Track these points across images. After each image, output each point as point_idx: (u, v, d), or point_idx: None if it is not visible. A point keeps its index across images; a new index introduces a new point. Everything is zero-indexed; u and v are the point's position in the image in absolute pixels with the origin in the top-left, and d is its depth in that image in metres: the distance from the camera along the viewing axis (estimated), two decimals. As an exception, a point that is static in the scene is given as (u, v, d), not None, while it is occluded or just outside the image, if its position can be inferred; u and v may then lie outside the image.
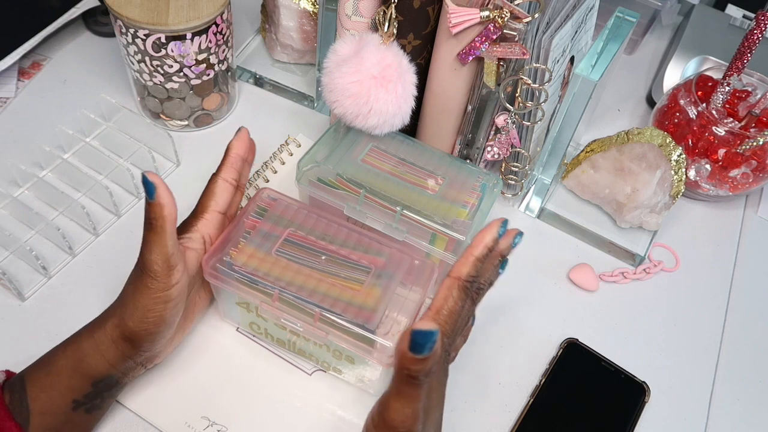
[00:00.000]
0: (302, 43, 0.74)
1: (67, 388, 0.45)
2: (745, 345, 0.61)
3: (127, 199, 0.63)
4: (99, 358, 0.45)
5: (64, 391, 0.45)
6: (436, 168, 0.57)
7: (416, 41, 0.56)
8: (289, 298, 0.48)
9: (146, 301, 0.44)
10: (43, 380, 0.45)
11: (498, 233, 0.43)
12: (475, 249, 0.43)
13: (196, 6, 0.60)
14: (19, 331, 0.54)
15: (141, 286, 0.44)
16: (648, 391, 0.56)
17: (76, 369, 0.45)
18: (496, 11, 0.50)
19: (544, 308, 0.61)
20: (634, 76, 0.85)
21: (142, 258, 0.44)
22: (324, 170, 0.55)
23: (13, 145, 0.66)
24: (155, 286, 0.44)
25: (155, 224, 0.43)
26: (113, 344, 0.45)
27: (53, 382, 0.44)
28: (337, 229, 0.52)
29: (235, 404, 0.52)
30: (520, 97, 0.57)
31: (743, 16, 0.87)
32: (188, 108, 0.67)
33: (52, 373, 0.45)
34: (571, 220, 0.67)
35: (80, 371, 0.45)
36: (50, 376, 0.45)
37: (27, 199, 0.62)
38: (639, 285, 0.64)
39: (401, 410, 0.38)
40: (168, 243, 0.43)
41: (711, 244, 0.69)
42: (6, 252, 0.58)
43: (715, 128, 0.66)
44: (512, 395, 0.55)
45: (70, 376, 0.45)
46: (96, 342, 0.45)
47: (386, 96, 0.53)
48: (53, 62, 0.75)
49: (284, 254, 0.50)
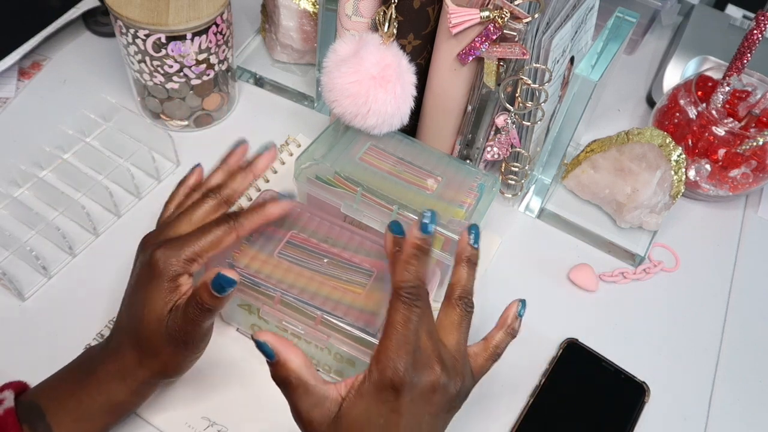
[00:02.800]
0: (302, 43, 0.74)
1: (100, 427, 0.46)
2: (745, 345, 0.61)
3: (127, 199, 0.63)
4: (135, 399, 0.46)
5: (98, 429, 0.46)
6: (434, 168, 0.57)
7: (416, 41, 0.56)
8: (290, 300, 0.48)
9: (190, 362, 0.47)
10: (72, 426, 0.44)
11: (421, 229, 0.41)
12: (402, 253, 0.41)
13: (196, 6, 0.60)
14: (19, 331, 0.54)
15: (186, 357, 0.46)
16: (648, 391, 0.56)
17: (110, 412, 0.46)
18: (496, 11, 0.50)
19: (544, 308, 0.61)
20: (634, 76, 0.85)
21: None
22: (322, 168, 0.55)
23: (13, 145, 0.66)
24: (200, 355, 0.47)
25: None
26: (148, 386, 0.46)
27: (86, 428, 0.45)
28: (339, 231, 0.52)
29: (235, 404, 0.52)
30: (520, 97, 0.57)
31: (743, 16, 0.87)
32: (188, 108, 0.67)
33: (83, 419, 0.44)
34: (571, 220, 0.67)
35: (115, 413, 0.46)
36: (81, 423, 0.44)
37: (27, 199, 0.62)
38: (639, 285, 0.64)
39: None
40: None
41: (711, 244, 0.69)
42: (6, 252, 0.58)
43: (715, 128, 0.66)
44: (512, 395, 0.55)
45: (103, 418, 0.45)
46: (129, 386, 0.45)
47: (385, 96, 0.53)
48: (53, 62, 0.75)
49: (286, 257, 0.50)
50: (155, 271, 0.43)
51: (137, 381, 0.45)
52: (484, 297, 0.61)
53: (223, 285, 0.41)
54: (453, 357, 0.42)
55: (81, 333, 0.54)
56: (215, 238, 0.45)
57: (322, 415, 0.39)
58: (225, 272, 0.41)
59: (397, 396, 0.38)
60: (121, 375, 0.45)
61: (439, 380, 0.40)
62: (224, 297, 0.41)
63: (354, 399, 0.39)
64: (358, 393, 0.39)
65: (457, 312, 0.43)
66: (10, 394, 0.44)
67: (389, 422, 0.39)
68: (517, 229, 0.67)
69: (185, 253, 0.44)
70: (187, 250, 0.44)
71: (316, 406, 0.39)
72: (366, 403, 0.39)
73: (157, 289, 0.43)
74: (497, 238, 0.65)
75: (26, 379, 0.48)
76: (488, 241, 0.65)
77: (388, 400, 0.38)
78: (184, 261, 0.43)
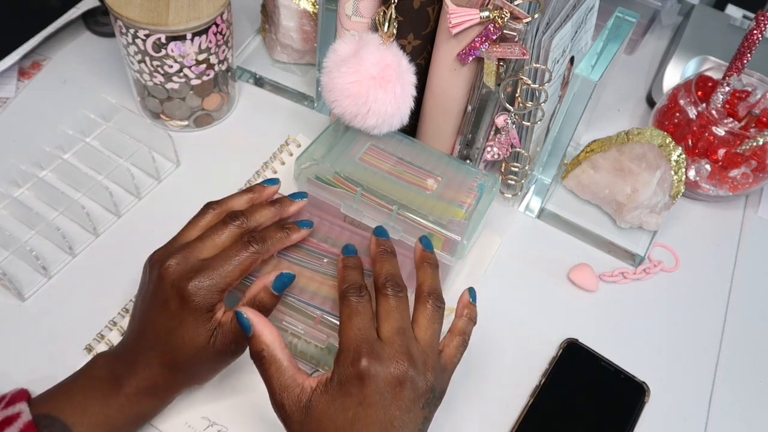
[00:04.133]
0: (302, 44, 0.74)
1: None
2: (745, 345, 0.61)
3: (127, 199, 0.63)
4: (162, 408, 0.48)
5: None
6: (434, 168, 0.57)
7: (416, 41, 0.56)
8: (290, 300, 0.48)
9: (225, 366, 0.49)
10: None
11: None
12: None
13: (196, 6, 0.60)
14: (19, 331, 0.54)
15: (228, 363, 0.48)
16: (648, 391, 0.56)
17: (137, 422, 0.47)
18: (496, 11, 0.50)
19: (544, 308, 0.61)
20: (634, 76, 0.85)
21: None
22: (322, 168, 0.55)
23: (13, 145, 0.66)
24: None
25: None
26: (177, 395, 0.48)
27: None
28: (339, 231, 0.52)
29: (235, 404, 0.52)
30: (520, 97, 0.57)
31: (743, 16, 0.87)
32: (188, 108, 0.67)
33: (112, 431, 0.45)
34: (571, 220, 0.67)
35: (142, 422, 0.47)
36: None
37: (27, 199, 0.62)
38: (639, 285, 0.64)
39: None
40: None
41: (711, 244, 0.69)
42: (6, 252, 0.58)
43: (715, 128, 0.66)
44: (512, 395, 0.55)
45: (130, 428, 0.46)
46: (160, 399, 0.47)
47: (385, 96, 0.53)
48: (53, 62, 0.75)
49: (286, 257, 0.50)
50: (191, 305, 0.43)
51: (169, 394, 0.47)
52: (484, 297, 0.61)
53: (285, 282, 0.46)
54: (424, 352, 0.43)
55: (81, 333, 0.54)
56: (243, 267, 0.45)
57: (292, 401, 0.41)
58: (284, 271, 0.46)
59: (362, 387, 0.40)
60: (153, 391, 0.46)
61: (407, 373, 0.41)
62: (282, 294, 0.46)
63: (323, 390, 0.41)
64: (327, 385, 0.41)
65: (428, 308, 0.45)
66: (25, 407, 0.43)
67: (357, 415, 0.39)
68: (517, 229, 0.67)
69: (219, 285, 0.44)
70: (220, 282, 0.44)
71: (288, 389, 0.41)
72: (333, 395, 0.40)
73: (196, 322, 0.44)
74: (497, 238, 0.65)
75: (26, 379, 0.48)
76: (488, 241, 0.65)
77: (353, 393, 0.40)
78: (218, 292, 0.44)
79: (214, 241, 0.46)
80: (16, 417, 0.42)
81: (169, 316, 0.44)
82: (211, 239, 0.46)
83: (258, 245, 0.46)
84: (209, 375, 0.49)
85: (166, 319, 0.44)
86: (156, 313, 0.45)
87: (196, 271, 0.44)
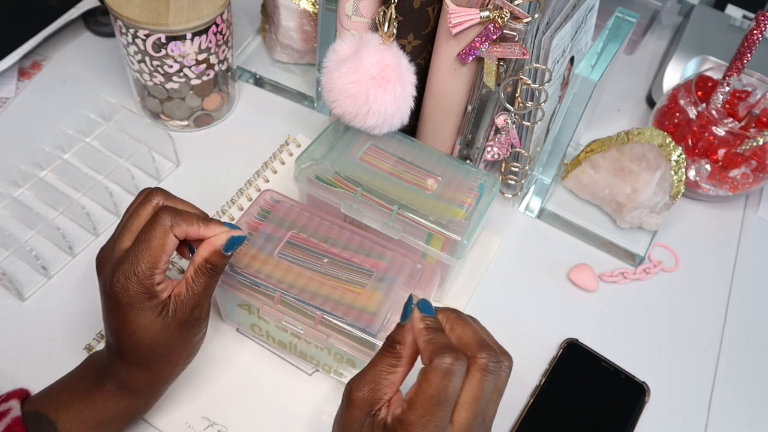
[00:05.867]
0: (302, 44, 0.74)
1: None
2: (745, 345, 0.61)
3: (127, 199, 0.63)
4: (151, 401, 0.48)
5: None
6: (434, 168, 0.57)
7: (416, 41, 0.56)
8: (290, 300, 0.48)
9: (199, 342, 0.48)
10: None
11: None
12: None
13: (196, 6, 0.60)
14: (19, 331, 0.54)
15: (196, 336, 0.46)
16: (648, 391, 0.56)
17: (126, 419, 0.47)
18: (496, 11, 0.50)
19: (544, 308, 0.61)
20: (634, 76, 0.85)
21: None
22: (322, 168, 0.55)
23: (13, 145, 0.66)
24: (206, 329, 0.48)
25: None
26: (166, 386, 0.48)
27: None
28: (339, 231, 0.52)
29: (235, 404, 0.52)
30: (520, 97, 0.57)
31: (743, 16, 0.87)
32: (188, 108, 0.67)
33: (98, 427, 0.45)
34: (571, 221, 0.67)
35: (131, 419, 0.47)
36: (97, 430, 0.45)
37: (27, 199, 0.62)
38: (639, 285, 0.64)
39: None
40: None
41: (711, 244, 0.69)
42: (6, 252, 0.58)
43: (715, 128, 0.66)
44: (512, 395, 0.55)
45: (118, 424, 0.46)
46: (144, 395, 0.46)
47: (385, 96, 0.53)
48: (53, 62, 0.75)
49: (286, 257, 0.50)
50: (123, 301, 0.42)
51: (154, 389, 0.47)
52: (484, 297, 0.61)
53: (234, 244, 0.44)
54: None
55: (81, 333, 0.54)
56: (158, 244, 0.42)
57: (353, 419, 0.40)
58: (235, 233, 0.44)
59: None
60: (135, 388, 0.45)
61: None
62: (232, 254, 0.45)
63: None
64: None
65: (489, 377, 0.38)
66: (16, 404, 0.43)
67: None
68: (517, 229, 0.67)
69: (145, 272, 0.41)
70: (146, 270, 0.41)
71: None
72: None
73: (140, 314, 0.42)
74: (497, 238, 0.65)
75: (26, 379, 0.48)
76: (488, 241, 0.65)
77: None
78: (147, 278, 0.42)
79: (130, 227, 0.44)
80: (5, 413, 0.43)
81: (114, 317, 0.43)
82: (128, 226, 0.44)
83: (168, 217, 0.42)
84: (185, 353, 0.46)
85: (114, 320, 0.43)
86: (106, 314, 0.44)
87: (119, 264, 0.42)
